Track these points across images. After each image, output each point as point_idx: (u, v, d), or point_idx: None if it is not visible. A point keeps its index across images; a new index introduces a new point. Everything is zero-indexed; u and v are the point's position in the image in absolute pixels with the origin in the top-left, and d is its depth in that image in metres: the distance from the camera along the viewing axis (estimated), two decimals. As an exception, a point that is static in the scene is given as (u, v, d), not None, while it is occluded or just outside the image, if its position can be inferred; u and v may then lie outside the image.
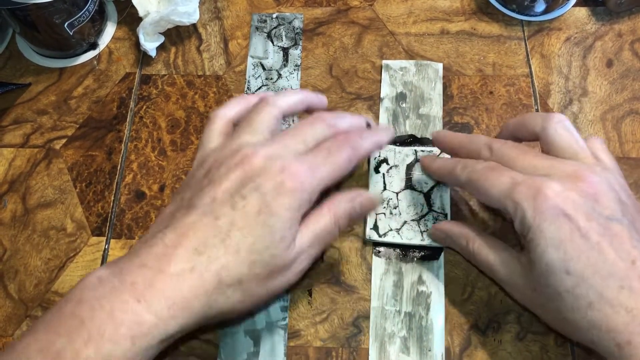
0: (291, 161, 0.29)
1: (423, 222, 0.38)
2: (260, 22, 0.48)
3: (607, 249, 0.27)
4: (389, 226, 0.38)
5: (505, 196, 0.30)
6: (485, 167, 0.31)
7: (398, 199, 0.39)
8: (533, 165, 0.30)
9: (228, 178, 0.29)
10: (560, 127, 0.32)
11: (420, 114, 0.43)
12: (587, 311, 0.27)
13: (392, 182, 0.40)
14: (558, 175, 0.29)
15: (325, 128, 0.32)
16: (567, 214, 0.28)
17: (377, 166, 0.40)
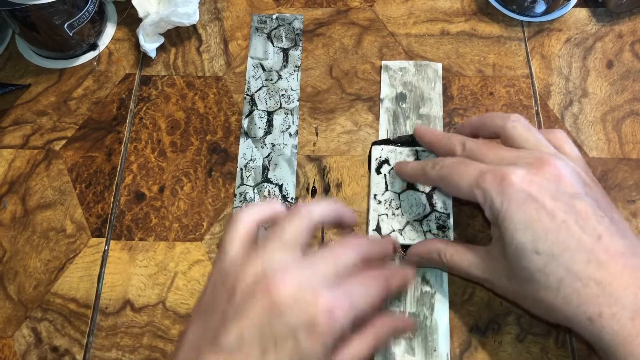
0: (323, 291, 0.27)
1: (426, 222, 0.38)
2: (260, 23, 0.48)
3: (573, 226, 0.28)
4: (392, 227, 0.38)
5: (473, 186, 0.31)
6: (454, 161, 0.33)
7: (400, 200, 0.39)
8: (500, 157, 0.32)
9: (255, 310, 0.26)
10: (518, 124, 0.33)
11: (420, 114, 0.43)
12: (559, 288, 0.28)
13: (394, 183, 0.39)
14: (523, 162, 0.30)
15: (357, 256, 0.30)
16: (532, 196, 0.29)
17: (378, 167, 0.40)
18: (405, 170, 0.38)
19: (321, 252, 0.29)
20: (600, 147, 0.43)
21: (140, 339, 0.37)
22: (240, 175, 0.42)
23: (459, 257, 0.33)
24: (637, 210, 0.40)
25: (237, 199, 0.41)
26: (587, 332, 0.28)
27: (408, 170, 0.37)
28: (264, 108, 0.44)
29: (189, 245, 0.40)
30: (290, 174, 0.42)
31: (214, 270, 0.30)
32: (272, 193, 0.41)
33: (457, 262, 0.33)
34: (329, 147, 0.43)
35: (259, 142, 0.43)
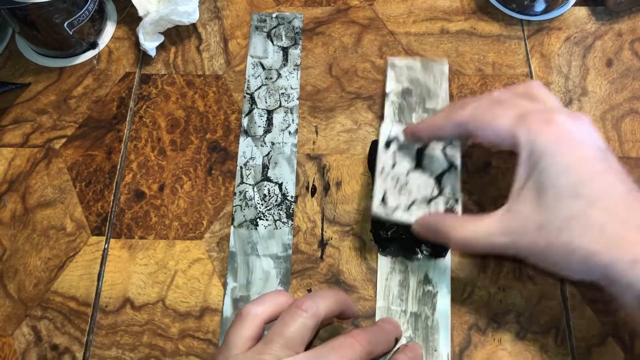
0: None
1: (434, 204, 0.35)
2: (260, 21, 0.48)
3: (611, 176, 0.28)
4: (399, 201, 0.35)
5: (514, 126, 0.30)
6: (491, 101, 0.32)
7: (408, 178, 0.36)
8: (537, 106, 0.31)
9: None
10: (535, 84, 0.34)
11: (426, 108, 0.43)
12: (603, 232, 0.27)
13: (402, 161, 0.37)
14: (561, 112, 0.30)
15: (364, 354, 0.29)
16: (577, 140, 0.29)
17: (387, 143, 0.38)
18: (420, 128, 0.35)
19: (325, 348, 0.29)
20: (599, 145, 0.43)
21: (140, 337, 0.37)
22: (240, 173, 0.42)
23: (475, 228, 0.31)
24: (637, 209, 0.40)
25: (237, 197, 0.41)
26: (624, 278, 0.26)
27: (425, 124, 0.35)
28: (264, 107, 0.44)
29: (188, 243, 0.40)
30: (289, 172, 0.42)
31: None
32: (271, 191, 0.41)
33: (473, 234, 0.31)
34: (328, 145, 0.43)
35: (258, 141, 0.43)
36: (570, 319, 0.37)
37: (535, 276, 0.38)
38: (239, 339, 0.29)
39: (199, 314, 0.37)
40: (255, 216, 0.40)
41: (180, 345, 0.37)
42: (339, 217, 0.40)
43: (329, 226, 0.40)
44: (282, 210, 0.40)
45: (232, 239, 0.39)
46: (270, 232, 0.40)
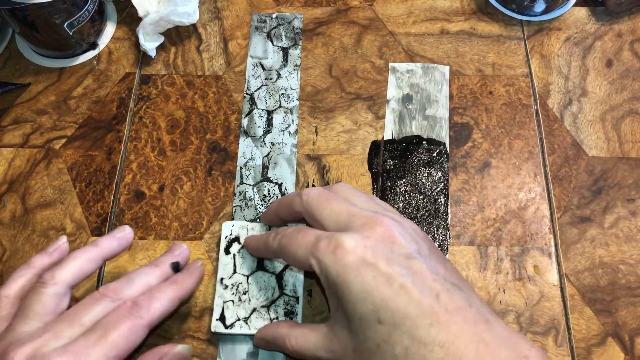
0: (55, 356, 0.27)
1: (273, 308, 0.36)
2: (260, 22, 0.48)
3: (412, 289, 0.27)
4: (237, 315, 0.35)
5: (309, 255, 0.29)
6: (293, 230, 0.31)
7: (248, 283, 0.36)
8: (336, 212, 0.31)
9: None
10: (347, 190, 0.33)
11: (426, 115, 0.43)
12: (407, 356, 0.27)
13: (243, 264, 0.37)
14: (356, 223, 0.30)
15: (108, 303, 0.30)
16: (368, 262, 0.28)
17: (227, 246, 0.38)
18: (251, 244, 0.36)
19: (68, 312, 0.29)
20: (599, 146, 0.43)
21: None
22: (239, 174, 0.42)
23: (305, 340, 0.31)
24: (637, 209, 0.40)
25: (237, 197, 0.41)
26: None
27: (253, 243, 0.36)
28: (264, 107, 0.44)
29: (188, 244, 0.40)
30: (289, 172, 0.42)
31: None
32: (271, 192, 0.41)
33: (303, 346, 0.31)
34: (328, 146, 0.43)
35: (258, 141, 0.43)
36: (570, 320, 0.37)
37: (535, 276, 0.38)
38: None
39: (199, 314, 0.37)
40: (255, 216, 0.40)
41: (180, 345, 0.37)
42: (338, 218, 0.40)
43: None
44: (282, 211, 0.40)
45: (232, 240, 0.39)
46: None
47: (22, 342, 0.27)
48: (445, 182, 0.41)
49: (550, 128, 0.43)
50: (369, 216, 0.30)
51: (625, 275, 0.38)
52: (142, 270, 0.32)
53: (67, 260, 0.31)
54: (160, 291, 0.31)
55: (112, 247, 0.33)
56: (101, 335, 0.28)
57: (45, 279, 0.30)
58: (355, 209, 0.31)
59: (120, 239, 0.34)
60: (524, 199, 0.41)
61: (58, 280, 0.30)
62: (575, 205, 0.41)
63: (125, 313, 0.29)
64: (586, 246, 0.39)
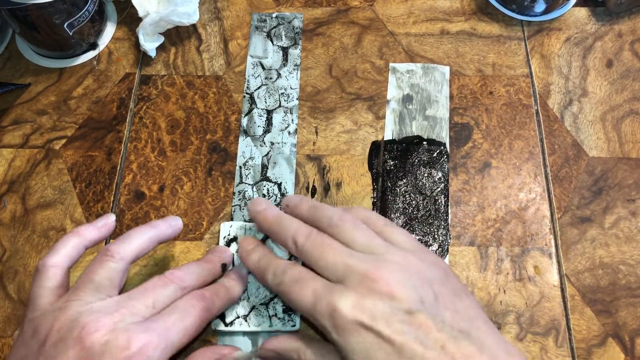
0: (138, 332, 0.27)
1: (272, 305, 0.36)
2: (260, 21, 0.48)
3: (414, 346, 0.26)
4: (236, 313, 0.35)
5: (309, 313, 0.29)
6: (290, 279, 0.31)
7: (247, 281, 0.36)
8: (332, 266, 0.30)
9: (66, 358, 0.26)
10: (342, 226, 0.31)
11: (426, 116, 0.43)
12: None
13: (242, 263, 0.36)
14: (353, 279, 0.28)
15: (175, 289, 0.31)
16: (366, 325, 0.27)
17: (226, 245, 0.38)
18: (247, 262, 0.34)
19: (137, 290, 0.30)
20: (599, 146, 0.43)
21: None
22: (239, 173, 0.42)
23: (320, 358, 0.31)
24: (637, 210, 0.40)
25: (236, 197, 0.41)
26: None
27: (250, 263, 0.34)
28: (264, 106, 0.44)
29: (188, 244, 0.40)
30: (289, 172, 0.42)
31: (24, 323, 0.29)
32: (271, 191, 0.41)
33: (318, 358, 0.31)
34: (328, 146, 0.43)
35: (258, 141, 0.43)
36: (570, 320, 0.37)
37: (535, 277, 0.38)
38: (43, 289, 0.30)
39: (199, 315, 0.37)
40: (255, 217, 0.40)
41: (180, 346, 0.37)
42: (339, 218, 0.40)
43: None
44: (282, 211, 0.40)
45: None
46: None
47: (100, 314, 0.28)
48: (446, 182, 0.41)
49: (550, 128, 0.43)
50: (366, 270, 0.28)
51: (625, 276, 0.38)
52: (198, 264, 0.33)
53: (129, 236, 0.32)
54: (221, 292, 0.33)
55: (166, 231, 0.34)
56: (178, 319, 0.29)
57: (113, 253, 0.31)
58: (352, 260, 0.29)
59: (173, 226, 0.34)
60: (525, 200, 0.41)
61: (124, 255, 0.31)
62: (576, 205, 0.41)
63: (196, 303, 0.30)
64: (586, 246, 0.39)
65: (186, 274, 0.32)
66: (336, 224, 0.32)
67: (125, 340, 0.27)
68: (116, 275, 0.30)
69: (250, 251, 0.35)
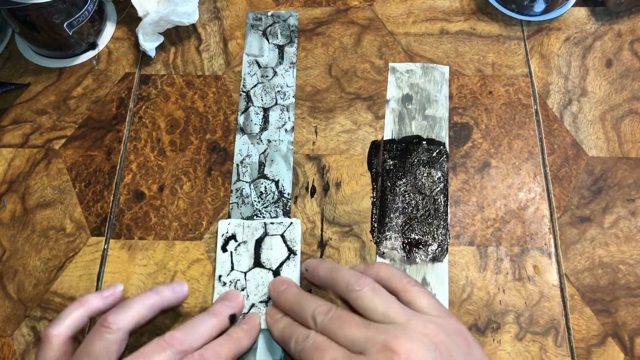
0: None
1: (271, 303, 0.36)
2: (255, 20, 0.48)
3: None
4: None
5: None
6: (311, 346, 0.30)
7: (246, 280, 0.37)
8: (351, 339, 0.30)
9: None
10: (361, 294, 0.31)
11: (426, 115, 0.43)
12: None
13: (240, 261, 0.37)
14: (372, 350, 0.28)
15: (174, 353, 0.30)
16: None
17: (224, 244, 0.38)
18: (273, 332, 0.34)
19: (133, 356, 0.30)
20: (599, 146, 0.43)
21: (140, 338, 0.37)
22: (236, 171, 0.42)
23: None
24: (636, 209, 0.40)
25: (234, 194, 0.41)
26: None
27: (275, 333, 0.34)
28: (260, 104, 0.44)
29: (188, 244, 0.40)
30: (286, 170, 0.42)
31: None
32: (268, 189, 0.41)
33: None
34: (328, 146, 0.43)
35: (255, 138, 0.43)
36: (570, 320, 0.37)
37: (535, 276, 0.38)
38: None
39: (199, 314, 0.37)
40: (252, 213, 0.40)
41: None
42: (338, 218, 0.40)
43: (328, 227, 0.40)
44: (279, 208, 0.40)
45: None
46: (269, 232, 0.40)
47: None
48: (445, 182, 0.41)
49: (550, 128, 0.43)
50: (386, 341, 0.28)
51: (625, 276, 0.38)
52: (202, 320, 0.33)
53: (128, 305, 0.32)
54: (224, 347, 0.32)
55: (170, 298, 0.34)
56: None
57: (109, 324, 0.30)
58: (372, 332, 0.29)
59: (177, 293, 0.34)
60: (524, 199, 0.41)
61: (121, 326, 0.31)
62: (575, 205, 0.41)
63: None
64: (586, 246, 0.39)
65: (187, 336, 0.31)
66: (354, 289, 0.31)
67: None
68: (113, 346, 0.30)
69: (276, 320, 0.34)
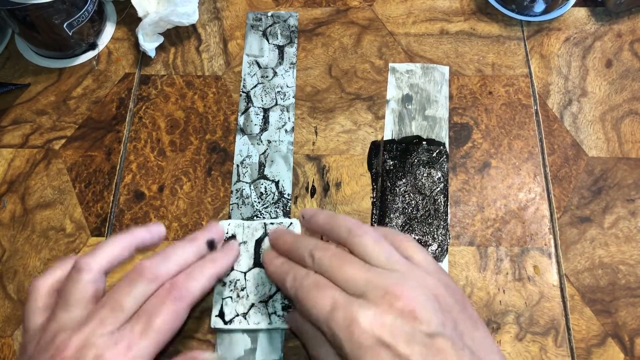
0: (106, 347, 0.27)
1: (271, 303, 0.36)
2: (255, 20, 0.48)
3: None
4: (236, 311, 0.36)
5: (323, 321, 0.28)
6: (310, 283, 0.29)
7: (246, 279, 0.36)
8: (351, 279, 0.29)
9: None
10: (363, 240, 0.30)
11: (426, 116, 0.43)
12: None
13: (241, 261, 0.37)
14: (373, 293, 0.27)
15: (146, 284, 0.29)
16: (385, 342, 0.26)
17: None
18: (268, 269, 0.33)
19: (107, 297, 0.29)
20: (599, 146, 0.43)
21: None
22: (236, 172, 0.42)
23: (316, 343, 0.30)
24: (636, 210, 0.40)
25: (234, 195, 0.41)
26: None
27: (270, 270, 0.33)
28: (260, 105, 0.44)
29: (188, 244, 0.40)
30: (286, 170, 0.42)
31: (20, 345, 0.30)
32: (268, 189, 0.41)
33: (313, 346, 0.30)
34: (328, 146, 0.43)
35: (255, 139, 0.43)
36: (570, 320, 0.37)
37: (535, 277, 0.38)
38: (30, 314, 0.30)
39: (199, 315, 0.37)
40: (252, 214, 0.40)
41: (180, 345, 0.37)
42: (338, 218, 0.40)
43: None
44: (279, 208, 0.40)
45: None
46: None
47: (70, 331, 0.28)
48: (445, 182, 0.41)
49: (550, 128, 0.43)
50: (388, 286, 0.27)
51: (625, 276, 0.38)
52: (177, 247, 0.32)
53: (100, 246, 0.31)
54: (197, 270, 0.31)
55: (144, 237, 0.32)
56: (146, 323, 0.28)
57: (81, 266, 0.30)
58: (373, 275, 0.28)
59: (153, 233, 0.33)
60: (524, 199, 0.41)
61: (94, 266, 0.30)
62: (575, 205, 0.41)
63: (165, 296, 0.29)
64: (586, 246, 0.39)
65: (158, 263, 0.30)
66: (356, 234, 0.30)
67: (93, 356, 0.27)
68: (88, 288, 0.29)
69: (273, 258, 0.33)
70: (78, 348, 0.27)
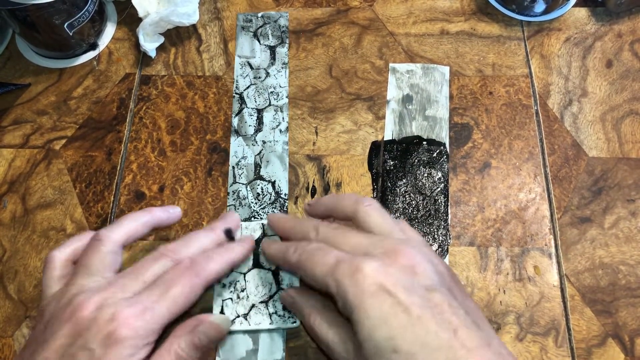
0: (122, 307, 0.28)
1: (272, 303, 0.36)
2: (245, 21, 0.48)
3: (429, 321, 0.26)
4: (236, 312, 0.36)
5: (327, 275, 0.29)
6: (313, 247, 0.31)
7: (246, 280, 0.37)
8: (356, 244, 0.30)
9: (59, 335, 0.28)
10: (370, 209, 0.32)
11: (426, 116, 0.43)
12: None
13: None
14: (377, 251, 0.29)
15: (168, 262, 0.31)
16: (387, 289, 0.27)
17: None
18: (268, 251, 0.35)
19: (130, 269, 0.31)
20: (599, 146, 0.43)
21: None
22: (232, 173, 0.42)
23: (326, 330, 0.31)
24: (636, 210, 0.40)
25: (231, 196, 0.41)
26: None
27: (271, 251, 0.34)
28: (254, 106, 0.44)
29: (188, 244, 0.40)
30: (282, 170, 0.42)
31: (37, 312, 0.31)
32: (265, 190, 0.41)
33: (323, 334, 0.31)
34: (328, 146, 0.43)
35: (249, 140, 0.43)
36: (570, 320, 0.37)
37: (535, 277, 0.38)
38: (47, 283, 0.32)
39: (199, 315, 0.37)
40: (250, 215, 0.40)
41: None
42: (338, 218, 0.40)
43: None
44: (276, 208, 0.40)
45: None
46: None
47: (91, 293, 0.29)
48: (446, 182, 0.41)
49: (550, 128, 0.43)
50: (391, 245, 0.29)
51: (625, 276, 0.38)
52: (198, 233, 0.34)
53: (121, 221, 0.33)
54: (216, 253, 0.33)
55: (161, 217, 0.35)
56: (163, 290, 0.30)
57: (101, 237, 0.32)
58: (377, 239, 0.30)
59: (170, 212, 0.35)
60: (524, 200, 0.41)
61: (114, 239, 0.32)
62: (576, 205, 0.41)
63: (183, 270, 0.31)
64: (586, 247, 0.39)
65: (180, 246, 0.32)
66: (363, 203, 0.32)
67: (110, 314, 0.28)
68: (108, 258, 0.31)
69: (272, 242, 0.35)
70: (97, 306, 0.28)
